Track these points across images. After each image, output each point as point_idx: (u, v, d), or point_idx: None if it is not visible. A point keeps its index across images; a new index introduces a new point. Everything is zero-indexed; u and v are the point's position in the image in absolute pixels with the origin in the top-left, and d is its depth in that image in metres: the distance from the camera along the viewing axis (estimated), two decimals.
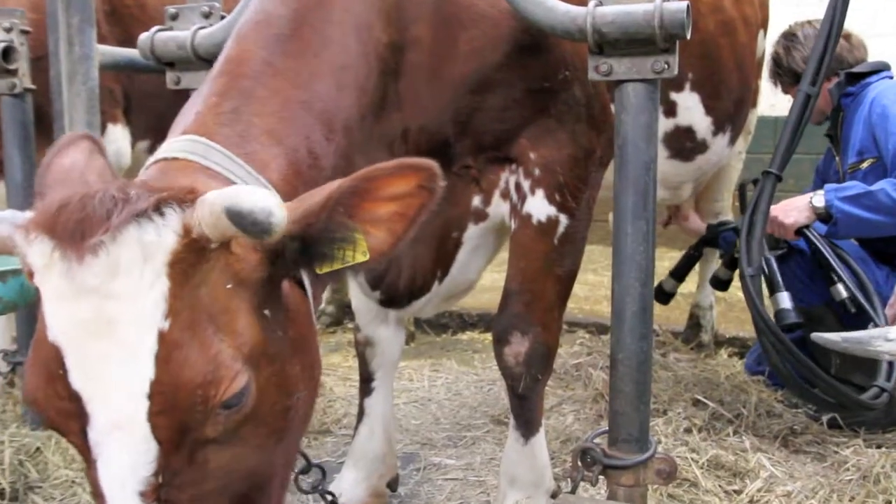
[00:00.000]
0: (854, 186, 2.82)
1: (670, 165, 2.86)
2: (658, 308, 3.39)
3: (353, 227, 1.20)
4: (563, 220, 2.07)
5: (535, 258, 2.09)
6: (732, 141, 3.20)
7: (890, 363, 2.68)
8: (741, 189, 3.27)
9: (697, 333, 4.04)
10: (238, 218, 1.11)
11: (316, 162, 1.48)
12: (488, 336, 4.30)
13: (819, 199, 2.83)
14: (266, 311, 1.22)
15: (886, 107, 2.98)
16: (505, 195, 2.10)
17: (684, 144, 2.85)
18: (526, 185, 2.05)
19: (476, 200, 2.10)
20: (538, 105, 1.99)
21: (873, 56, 3.34)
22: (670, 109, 2.72)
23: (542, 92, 1.98)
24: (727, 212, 3.91)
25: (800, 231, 2.90)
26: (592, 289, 5.11)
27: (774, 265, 2.78)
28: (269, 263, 1.22)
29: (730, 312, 4.57)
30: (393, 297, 2.23)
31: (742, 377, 3.34)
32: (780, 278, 2.76)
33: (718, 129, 2.95)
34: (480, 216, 2.13)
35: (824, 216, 2.83)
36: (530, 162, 2.04)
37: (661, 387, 3.25)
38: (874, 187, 2.78)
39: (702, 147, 2.92)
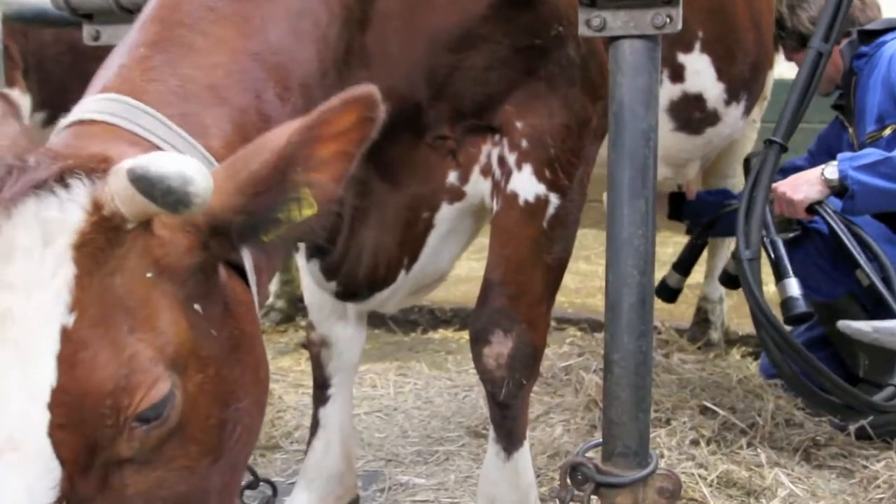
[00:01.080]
0: (870, 154, 2.84)
1: (675, 139, 2.88)
2: (660, 302, 3.41)
3: (302, 182, 1.20)
4: (554, 199, 2.08)
5: (520, 244, 2.10)
6: (748, 111, 3.22)
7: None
8: (746, 162, 3.31)
9: (706, 330, 4.08)
10: (146, 186, 1.07)
11: (267, 126, 1.44)
12: (464, 335, 4.30)
13: (832, 170, 2.85)
14: (197, 306, 1.20)
15: None
16: (486, 171, 2.11)
17: (692, 115, 2.86)
18: (511, 158, 2.06)
19: (452, 176, 2.11)
20: (526, 66, 2.00)
21: (886, 16, 3.39)
22: (677, 73, 2.74)
23: (532, 50, 1.98)
24: (739, 187, 3.94)
25: (812, 208, 2.91)
26: (585, 279, 5.11)
27: (782, 248, 2.81)
28: (202, 247, 1.20)
29: (743, 307, 4.58)
30: (352, 288, 2.24)
31: (757, 381, 3.37)
32: (787, 262, 2.78)
33: (732, 97, 2.97)
34: (456, 195, 2.13)
35: (839, 189, 2.85)
36: (516, 132, 2.04)
37: (664, 392, 3.27)
38: (893, 153, 2.81)
39: (712, 118, 2.94)
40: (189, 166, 1.09)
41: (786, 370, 2.63)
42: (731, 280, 3.20)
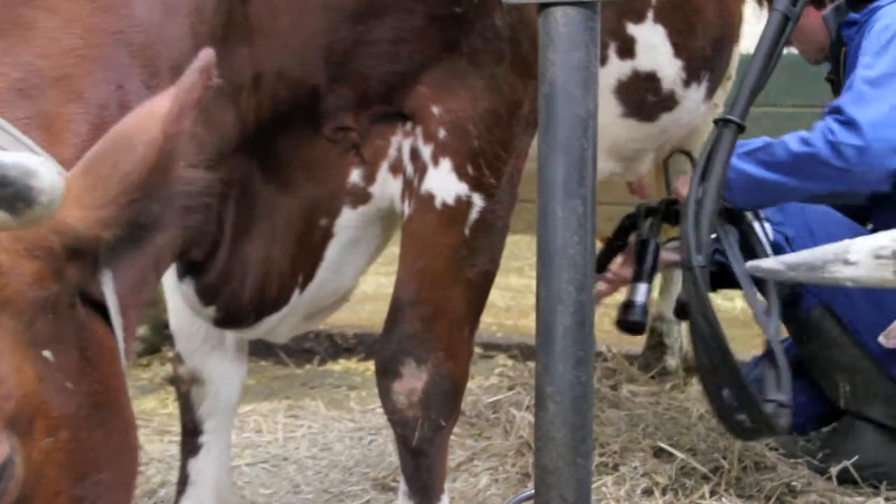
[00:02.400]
0: (758, 141, 2.96)
1: (625, 127, 2.92)
2: (603, 321, 3.44)
3: (187, 178, 1.21)
4: (478, 201, 2.11)
5: (437, 255, 2.13)
6: (710, 93, 3.28)
7: (777, 371, 2.79)
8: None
9: (660, 356, 4.12)
10: None
11: None
12: (370, 366, 4.28)
13: None
14: (47, 352, 1.18)
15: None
16: (396, 168, 2.13)
17: (644, 98, 2.91)
18: (426, 152, 2.08)
19: (355, 175, 2.12)
20: (445, 38, 2.02)
21: None
22: (625, 48, 2.78)
23: (451, 20, 2.00)
24: None
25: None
26: (517, 296, 5.17)
27: (652, 251, 2.99)
28: (55, 277, 1.18)
29: None
30: (234, 313, 2.22)
31: None
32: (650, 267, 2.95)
33: (692, 76, 3.02)
34: (360, 197, 2.14)
35: None
36: (433, 120, 2.07)
37: (610, 432, 3.30)
38: (777, 140, 2.94)
39: (669, 101, 2.99)
40: (30, 158, 1.08)
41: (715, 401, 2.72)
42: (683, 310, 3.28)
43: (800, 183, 2.90)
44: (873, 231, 3.07)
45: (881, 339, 2.70)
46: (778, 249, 3.04)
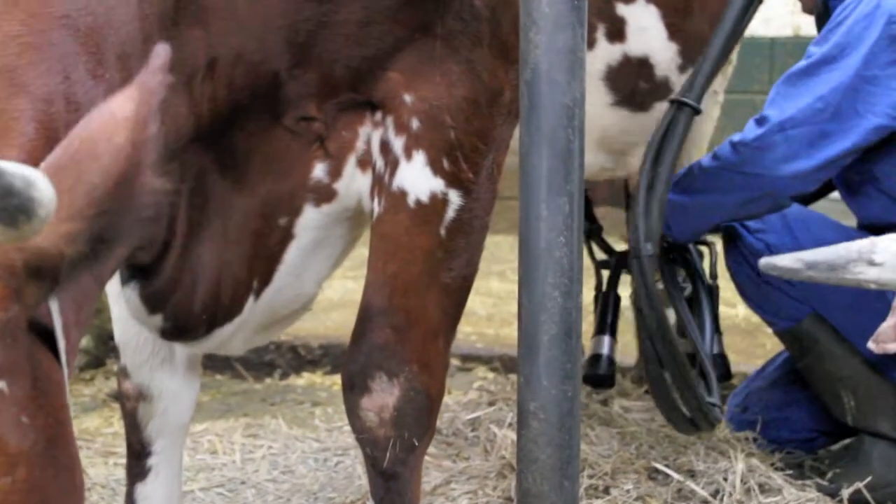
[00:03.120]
0: (683, 169, 3.07)
1: (615, 117, 2.93)
2: (591, 331, 3.45)
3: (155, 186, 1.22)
4: (455, 198, 2.12)
5: (410, 258, 2.13)
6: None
7: (704, 376, 2.91)
8: None
9: None
10: None
11: (77, 116, 1.39)
12: (337, 380, 4.28)
13: None
14: (2, 383, 1.18)
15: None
16: (365, 162, 2.13)
17: (637, 85, 2.92)
18: (398, 144, 2.09)
19: (318, 170, 2.12)
20: (418, 19, 2.03)
21: None
22: (616, 30, 2.78)
23: None
24: None
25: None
26: (499, 303, 5.17)
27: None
28: (13, 298, 1.18)
29: None
30: (184, 322, 2.20)
31: (722, 433, 3.40)
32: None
33: (688, 61, 3.00)
34: (325, 195, 2.15)
35: None
36: (405, 109, 2.07)
37: (601, 451, 3.30)
38: (695, 163, 3.07)
39: (663, 89, 2.98)
40: (29, 168, 1.08)
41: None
42: None
43: (718, 197, 3.00)
44: (860, 228, 3.12)
45: (870, 344, 2.75)
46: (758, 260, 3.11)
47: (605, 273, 3.36)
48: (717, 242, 3.28)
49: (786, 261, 2.07)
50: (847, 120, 2.85)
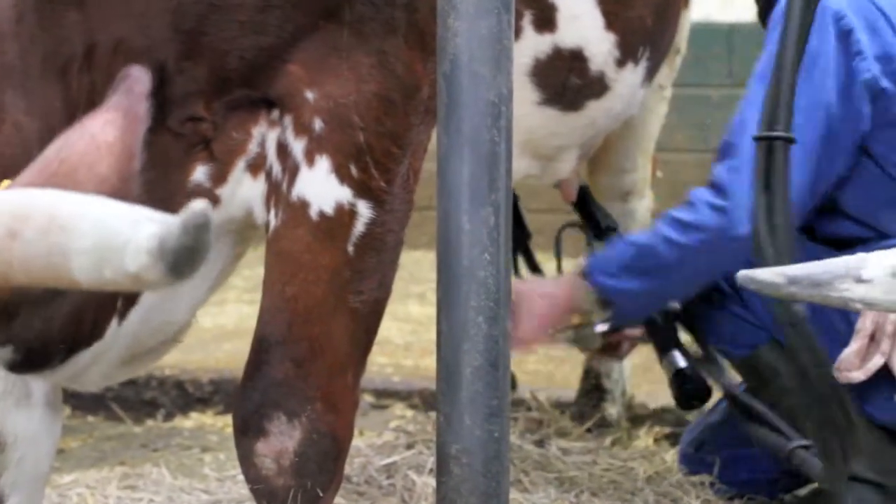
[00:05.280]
0: (618, 250, 3.16)
1: (543, 117, 2.94)
2: (527, 360, 3.45)
3: None
4: (364, 210, 2.11)
5: (312, 280, 2.12)
6: (651, 74, 3.31)
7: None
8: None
9: (598, 404, 4.12)
10: (179, 254, 1.11)
11: None
12: (230, 421, 4.25)
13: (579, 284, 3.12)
14: None
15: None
16: (257, 166, 2.13)
17: (568, 81, 2.92)
18: (298, 148, 2.09)
19: (199, 174, 2.12)
20: (323, 3, 2.03)
21: None
22: (545, 18, 2.79)
23: None
24: (644, 190, 4.06)
25: None
26: (419, 330, 5.16)
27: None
28: None
29: (655, 366, 4.74)
30: (36, 352, 2.16)
31: (675, 478, 3.44)
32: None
33: (628, 54, 3.04)
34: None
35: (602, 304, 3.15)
36: (307, 107, 2.07)
37: (536, 499, 3.30)
38: (644, 238, 3.10)
39: (598, 86, 3.00)
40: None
41: None
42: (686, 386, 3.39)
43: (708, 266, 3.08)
44: (824, 243, 3.15)
45: (834, 373, 2.77)
46: (713, 283, 3.16)
47: None
48: None
49: (766, 275, 2.08)
50: None
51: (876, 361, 2.83)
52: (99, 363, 2.22)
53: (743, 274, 2.15)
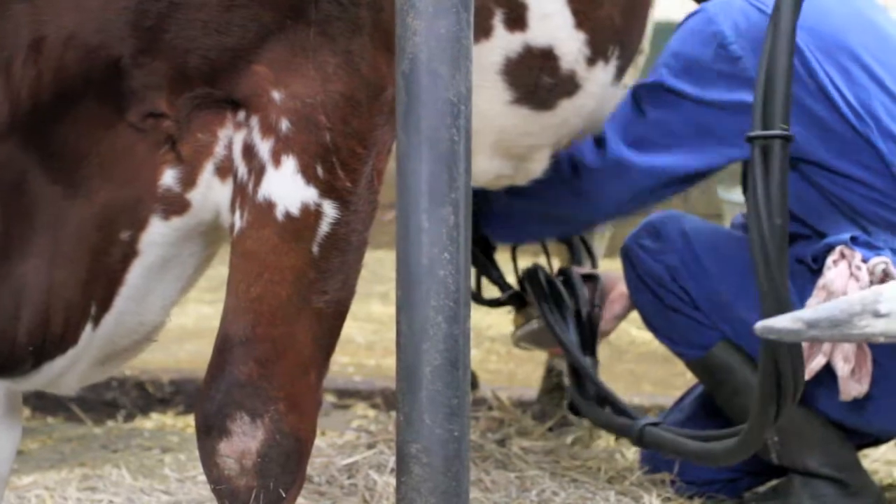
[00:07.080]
0: None
1: (514, 117, 2.95)
2: (489, 359, 3.46)
3: None
4: (330, 210, 2.11)
5: (277, 280, 2.11)
6: (620, 73, 3.30)
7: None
8: None
9: (560, 403, 4.11)
10: None
11: None
12: (191, 421, 4.22)
13: None
14: None
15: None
16: (225, 169, 2.12)
17: (539, 80, 2.93)
18: (264, 149, 2.08)
19: (168, 178, 2.10)
20: (288, 2, 2.03)
21: None
22: (516, 16, 2.79)
23: None
24: None
25: None
26: (381, 329, 5.18)
27: None
28: None
29: (619, 363, 4.74)
30: (5, 356, 2.14)
31: (635, 477, 3.45)
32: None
33: (598, 53, 3.05)
34: (175, 206, 2.13)
35: None
36: (273, 108, 2.06)
37: (497, 498, 3.29)
38: None
39: (569, 85, 3.01)
40: None
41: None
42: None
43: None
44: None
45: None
46: (660, 283, 3.17)
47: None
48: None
49: (784, 322, 2.09)
50: None
51: (818, 361, 2.84)
52: (76, 367, 2.22)
53: (761, 325, 2.15)
